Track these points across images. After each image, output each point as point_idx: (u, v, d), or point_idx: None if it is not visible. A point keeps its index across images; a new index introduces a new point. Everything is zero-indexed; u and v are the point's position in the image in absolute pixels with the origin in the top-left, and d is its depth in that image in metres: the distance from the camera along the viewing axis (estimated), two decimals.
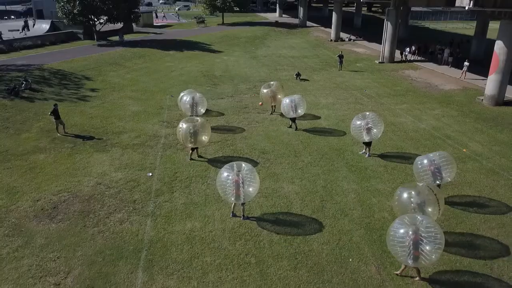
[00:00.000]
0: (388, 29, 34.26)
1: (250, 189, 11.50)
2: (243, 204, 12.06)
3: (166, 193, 13.74)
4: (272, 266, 10.31)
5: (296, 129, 19.41)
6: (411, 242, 8.90)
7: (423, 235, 8.89)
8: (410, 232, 8.97)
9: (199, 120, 15.88)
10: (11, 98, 22.56)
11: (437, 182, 12.59)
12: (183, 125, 15.44)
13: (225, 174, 11.47)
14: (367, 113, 16.40)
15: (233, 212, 12.36)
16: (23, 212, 12.57)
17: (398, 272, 9.95)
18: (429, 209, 10.58)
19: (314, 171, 15.45)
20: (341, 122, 20.49)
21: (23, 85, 23.90)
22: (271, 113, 21.66)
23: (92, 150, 17.05)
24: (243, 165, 11.68)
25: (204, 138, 15.83)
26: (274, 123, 20.46)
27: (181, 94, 20.33)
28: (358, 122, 16.07)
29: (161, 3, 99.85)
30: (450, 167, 12.58)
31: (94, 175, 14.94)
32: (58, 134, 18.49)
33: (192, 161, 16.01)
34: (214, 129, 18.51)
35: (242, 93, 25.89)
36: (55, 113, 18.19)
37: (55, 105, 18.67)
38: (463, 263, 10.43)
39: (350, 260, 10.52)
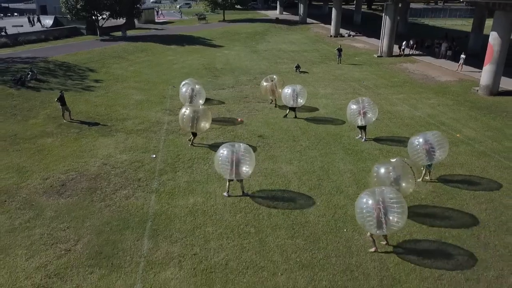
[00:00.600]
0: (386, 23, 34.81)
1: (245, 167, 12.09)
2: (240, 181, 12.61)
3: (169, 173, 14.32)
4: (270, 235, 10.88)
5: (296, 117, 19.85)
6: (377, 212, 9.31)
7: (387, 204, 9.32)
8: (375, 202, 9.36)
9: (201, 107, 16.43)
10: (18, 88, 23.16)
11: (431, 161, 13.12)
12: (186, 110, 15.95)
13: (225, 153, 12.05)
14: (362, 98, 16.97)
15: (228, 191, 12.82)
16: (33, 189, 13.17)
17: (372, 250, 10.20)
18: (405, 182, 11.10)
19: (312, 154, 16.01)
20: (339, 111, 21.03)
21: (29, 75, 24.50)
22: (276, 106, 21.63)
23: (97, 135, 17.65)
24: (240, 144, 12.28)
25: (204, 125, 16.22)
26: (273, 111, 21.03)
27: (182, 83, 20.86)
28: (354, 107, 16.63)
29: (160, 2, 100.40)
30: (444, 147, 13.10)
31: (100, 156, 15.53)
32: (64, 121, 19.08)
33: (194, 146, 16.50)
34: (215, 116, 19.04)
35: (242, 84, 26.46)
36: (61, 99, 18.79)
37: (61, 92, 19.28)
38: (451, 233, 10.98)
39: (345, 230, 11.08)
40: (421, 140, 13.08)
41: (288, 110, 19.87)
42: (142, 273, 9.41)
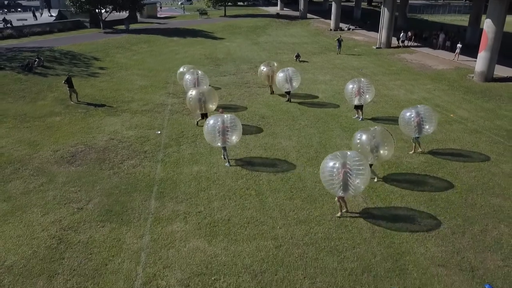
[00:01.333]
0: (385, 15, 35.43)
1: (234, 137, 12.98)
2: (224, 148, 13.33)
3: (174, 146, 15.00)
4: (270, 197, 11.55)
5: (290, 101, 20.34)
6: (341, 174, 9.58)
7: (350, 168, 9.60)
8: (339, 165, 9.64)
9: (206, 88, 17.05)
10: (25, 74, 23.87)
11: (419, 134, 13.77)
12: (192, 93, 16.46)
13: (212, 122, 12.88)
14: (360, 78, 17.62)
15: (228, 160, 13.56)
16: (45, 159, 13.86)
17: (338, 215, 10.66)
18: (385, 148, 11.62)
19: (310, 131, 16.66)
20: (337, 95, 21.68)
21: (36, 62, 25.20)
22: (272, 92, 21.88)
23: (104, 114, 18.33)
24: (228, 115, 13.19)
25: (211, 105, 16.76)
26: (273, 95, 21.67)
27: (180, 69, 21.16)
28: (351, 86, 17.27)
29: None
30: (433, 121, 13.74)
31: (107, 132, 16.21)
32: (71, 102, 19.78)
33: (198, 126, 17.08)
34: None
35: (243, 72, 27.13)
36: (68, 81, 19.49)
37: (69, 74, 19.97)
38: (441, 195, 11.63)
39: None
40: (413, 113, 13.72)
41: (287, 95, 20.46)
42: (150, 227, 10.09)
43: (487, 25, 23.70)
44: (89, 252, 9.16)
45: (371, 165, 12.07)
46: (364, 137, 11.81)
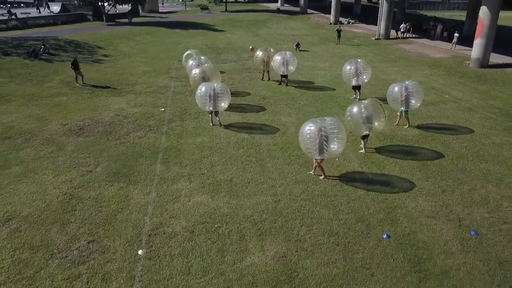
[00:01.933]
0: (383, 6, 35.98)
1: (223, 103, 14.46)
2: (216, 113, 14.75)
3: (177, 121, 15.57)
4: (269, 162, 12.11)
5: (287, 84, 20.86)
6: (319, 137, 10.14)
7: (328, 132, 10.16)
8: (317, 129, 10.19)
9: (208, 65, 17.61)
10: (32, 59, 24.44)
11: (407, 108, 14.31)
12: (196, 71, 17.01)
13: (204, 89, 14.17)
14: (357, 59, 18.18)
15: (212, 122, 15.10)
16: (53, 131, 14.43)
17: (323, 177, 11.13)
18: (377, 120, 12.11)
19: (309, 109, 17.22)
20: (336, 79, 22.23)
21: (41, 49, 25.78)
22: (268, 79, 22.03)
23: (109, 95, 18.90)
24: (218, 84, 14.47)
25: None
26: (274, 78, 22.20)
27: (185, 53, 21.81)
28: (349, 67, 17.82)
29: None
30: (420, 96, 14.29)
31: (112, 109, 16.78)
32: (77, 84, 20.35)
33: None
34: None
35: (244, 59, 27.68)
36: (74, 64, 20.06)
37: (75, 57, 20.53)
38: (433, 162, 12.18)
39: (336, 160, 12.26)
40: (399, 87, 14.27)
41: (281, 78, 20.89)
42: (156, 186, 10.65)
43: (483, 12, 24.24)
44: (99, 205, 9.72)
45: (367, 136, 12.65)
46: (355, 109, 12.32)
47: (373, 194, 10.32)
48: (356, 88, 18.32)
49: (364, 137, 12.68)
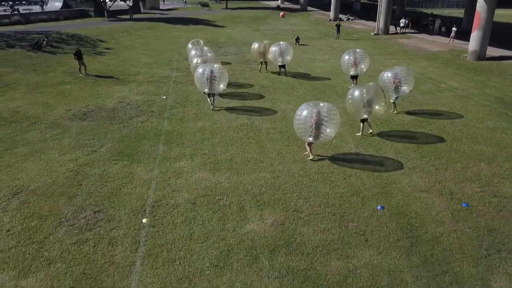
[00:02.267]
0: (382, 2, 36.31)
1: (221, 85, 15.11)
2: (214, 95, 15.49)
3: (179, 107, 15.93)
4: (268, 144, 12.46)
5: (286, 75, 21.17)
6: (314, 122, 10.41)
7: (324, 116, 10.43)
8: (311, 114, 10.46)
9: (210, 55, 17.96)
10: (35, 51, 24.79)
11: (397, 95, 14.64)
12: (197, 60, 17.31)
13: (201, 70, 14.78)
14: (356, 49, 18.53)
15: (212, 104, 15.78)
16: (58, 116, 14.79)
17: (311, 157, 11.31)
18: (377, 105, 12.41)
19: (308, 98, 17.52)
20: (335, 70, 22.57)
21: (44, 41, 26.13)
22: (260, 71, 22.17)
23: (112, 84, 19.27)
24: (215, 65, 14.96)
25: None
26: (273, 70, 22.56)
27: (190, 42, 22.32)
28: (347, 57, 18.18)
29: None
30: (410, 81, 14.61)
31: (115, 97, 17.14)
32: (80, 74, 20.70)
33: (204, 94, 17.79)
34: None
35: (244, 52, 27.99)
36: (77, 54, 20.43)
37: (78, 47, 20.89)
38: (429, 144, 12.52)
39: (333, 141, 12.60)
40: (390, 74, 14.59)
41: (279, 69, 21.21)
42: (159, 164, 11.02)
43: (480, 5, 24.59)
44: (104, 180, 10.08)
45: (366, 119, 12.98)
46: (356, 93, 12.66)
47: (369, 171, 10.67)
48: (355, 77, 18.66)
49: (363, 121, 13.01)
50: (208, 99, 15.93)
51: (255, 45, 21.91)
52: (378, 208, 8.93)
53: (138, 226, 8.25)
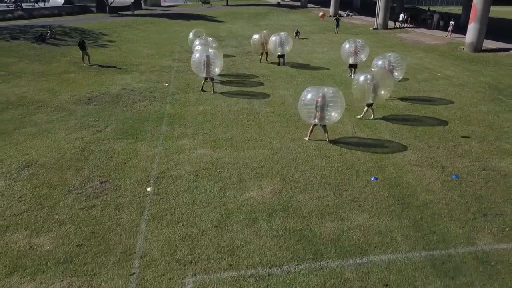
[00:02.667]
0: None
1: (216, 69, 15.93)
2: (212, 79, 16.31)
3: (181, 93, 16.35)
4: (267, 125, 12.88)
5: (284, 64, 21.59)
6: (319, 104, 10.78)
7: (328, 99, 10.79)
8: (318, 97, 10.80)
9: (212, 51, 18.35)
10: (39, 43, 25.24)
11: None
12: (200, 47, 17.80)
13: (197, 55, 15.46)
14: (356, 39, 18.94)
15: (202, 88, 16.58)
16: (64, 101, 15.23)
17: (306, 138, 11.70)
18: (383, 89, 12.81)
19: (307, 85, 17.52)
20: (333, 61, 23.00)
21: (48, 34, 26.57)
22: (260, 61, 22.65)
23: (115, 73, 19.71)
24: (210, 50, 15.51)
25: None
26: (273, 61, 22.98)
27: (192, 32, 22.75)
28: (347, 45, 18.59)
29: None
30: (402, 67, 15.01)
31: (119, 84, 17.58)
32: (84, 64, 21.14)
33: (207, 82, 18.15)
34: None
35: (244, 45, 28.46)
36: (81, 44, 20.87)
37: (81, 38, 21.31)
38: (422, 125, 12.93)
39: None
40: (381, 61, 15.00)
41: (279, 59, 21.63)
42: (162, 141, 11.44)
43: None
44: (109, 156, 10.51)
45: (371, 105, 13.31)
46: (362, 78, 12.96)
47: (364, 148, 11.08)
48: (353, 66, 19.06)
49: (369, 105, 13.31)
50: (204, 83, 16.51)
51: (256, 37, 22.31)
52: (372, 179, 9.34)
53: (143, 194, 8.67)
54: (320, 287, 6.11)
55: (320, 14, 14.38)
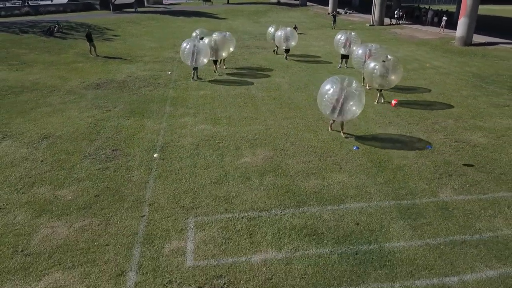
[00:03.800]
0: None
1: (204, 59, 17.08)
2: (195, 68, 17.33)
3: (183, 80, 17.50)
4: (263, 106, 14.02)
5: (287, 59, 22.67)
6: (339, 99, 10.21)
7: (348, 94, 10.20)
8: (338, 91, 10.22)
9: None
10: (47, 37, 26.42)
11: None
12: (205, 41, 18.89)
13: (185, 44, 16.70)
14: (350, 31, 20.05)
15: (193, 77, 17.60)
16: (74, 86, 16.38)
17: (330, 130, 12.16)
18: (394, 75, 13.64)
19: (302, 74, 19.11)
20: (328, 54, 24.08)
21: (56, 28, 27.75)
22: (276, 53, 23.71)
23: (121, 63, 20.86)
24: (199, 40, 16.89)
25: (222, 52, 18.91)
26: (271, 53, 24.12)
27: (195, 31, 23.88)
28: (339, 36, 19.69)
29: None
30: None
31: (124, 72, 18.73)
32: (91, 55, 22.30)
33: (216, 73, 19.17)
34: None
35: (244, 40, 29.63)
36: (88, 36, 22.04)
37: (88, 30, 22.45)
38: (404, 106, 14.04)
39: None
40: (361, 51, 16.06)
41: (285, 53, 22.74)
42: (166, 119, 12.58)
43: None
44: (119, 130, 11.66)
45: (380, 90, 14.29)
46: (372, 64, 13.64)
47: (349, 126, 12.19)
48: (345, 57, 20.14)
49: (380, 90, 14.27)
50: (192, 72, 17.65)
51: (278, 33, 21.96)
52: (354, 148, 10.46)
53: (150, 159, 9.80)
54: (302, 225, 7.24)
55: (393, 102, 13.85)
